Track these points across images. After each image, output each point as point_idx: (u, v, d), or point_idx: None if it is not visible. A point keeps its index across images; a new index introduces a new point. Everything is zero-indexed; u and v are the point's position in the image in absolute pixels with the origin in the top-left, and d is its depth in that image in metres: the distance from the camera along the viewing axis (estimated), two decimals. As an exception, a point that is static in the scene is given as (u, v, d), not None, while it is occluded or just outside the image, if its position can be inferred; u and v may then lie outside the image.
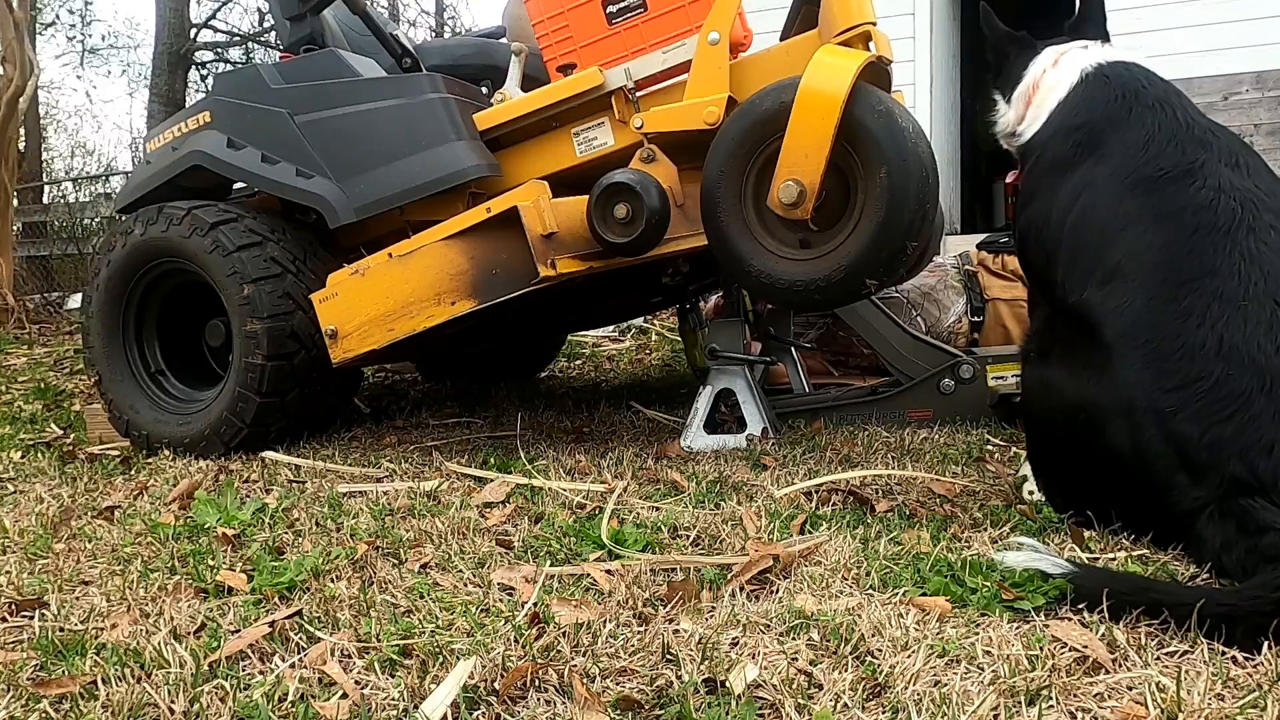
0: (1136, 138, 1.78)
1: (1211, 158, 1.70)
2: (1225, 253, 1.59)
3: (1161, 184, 1.70)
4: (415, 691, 1.19)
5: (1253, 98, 5.99)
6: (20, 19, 7.62)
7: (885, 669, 1.20)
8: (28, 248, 9.63)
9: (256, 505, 2.06)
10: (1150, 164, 1.73)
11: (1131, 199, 1.72)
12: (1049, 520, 1.76)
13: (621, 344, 5.36)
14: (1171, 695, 1.10)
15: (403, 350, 2.80)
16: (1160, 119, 1.78)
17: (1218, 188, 1.65)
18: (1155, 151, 1.74)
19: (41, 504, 2.27)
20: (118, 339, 2.93)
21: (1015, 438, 2.60)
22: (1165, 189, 1.69)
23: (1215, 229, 1.61)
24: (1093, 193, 1.78)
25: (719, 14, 2.36)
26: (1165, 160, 1.72)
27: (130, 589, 1.60)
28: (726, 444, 2.58)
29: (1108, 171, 1.78)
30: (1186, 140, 1.74)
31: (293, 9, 2.92)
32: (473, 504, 2.05)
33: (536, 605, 1.44)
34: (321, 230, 2.81)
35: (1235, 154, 1.72)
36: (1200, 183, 1.66)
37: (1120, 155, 1.78)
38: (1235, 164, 1.70)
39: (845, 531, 1.75)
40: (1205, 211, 1.63)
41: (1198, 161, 1.69)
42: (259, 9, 13.38)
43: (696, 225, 2.34)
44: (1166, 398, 1.53)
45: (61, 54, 25.26)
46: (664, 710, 1.13)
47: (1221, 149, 1.72)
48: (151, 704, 1.18)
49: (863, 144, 2.09)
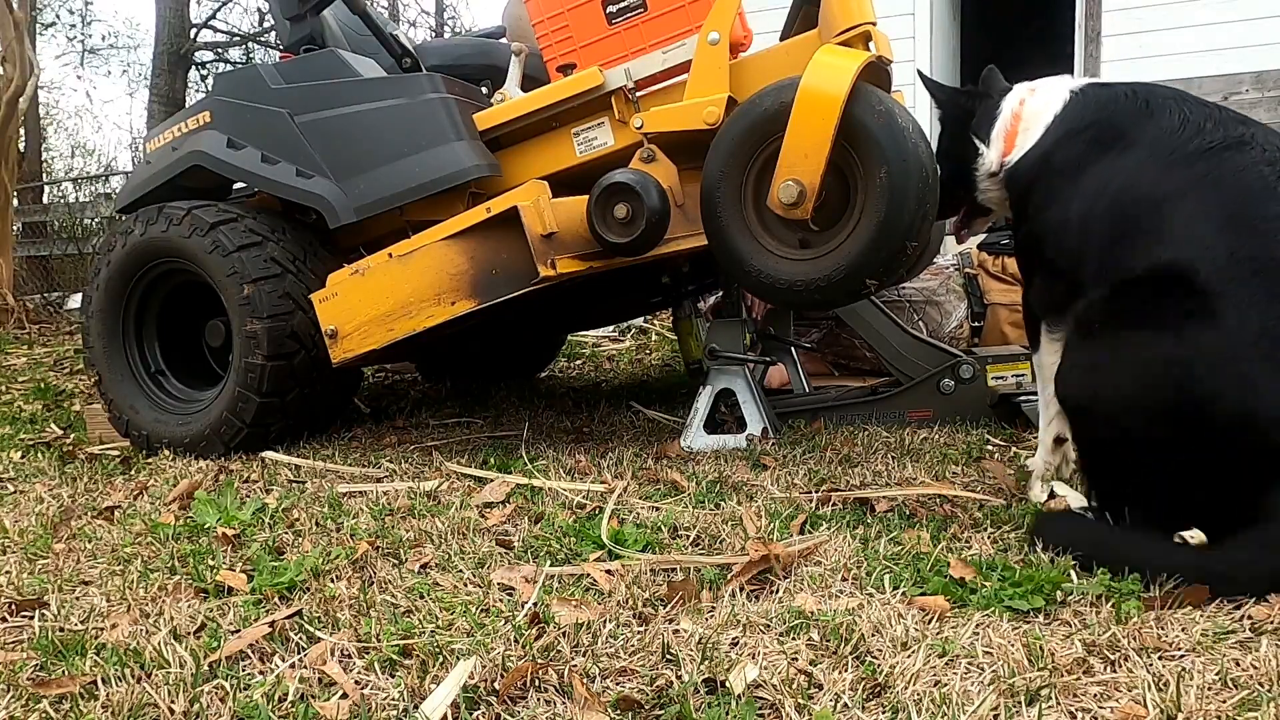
0: (1169, 124, 1.71)
1: (1259, 131, 1.66)
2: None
3: (1215, 153, 1.63)
4: (415, 691, 1.19)
5: (1253, 98, 5.98)
6: (20, 19, 7.62)
7: (885, 669, 1.20)
8: (28, 248, 9.63)
9: (256, 505, 2.06)
10: (1192, 141, 1.67)
11: (1179, 171, 1.65)
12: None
13: (621, 344, 5.36)
14: (1171, 695, 1.11)
15: (403, 350, 2.80)
16: (1187, 107, 1.74)
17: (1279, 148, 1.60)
18: (1194, 131, 1.68)
19: (41, 504, 2.27)
20: (118, 339, 2.93)
21: (1015, 438, 2.60)
22: (1221, 155, 1.63)
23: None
24: (1125, 178, 1.71)
25: (719, 14, 2.36)
26: (1209, 136, 1.66)
27: (130, 589, 1.60)
28: (726, 444, 2.58)
29: (1138, 159, 1.71)
30: (1225, 120, 1.69)
31: (293, 9, 2.92)
32: (473, 504, 2.05)
33: (536, 605, 1.44)
34: (321, 230, 2.81)
35: (1276, 135, 1.68)
36: (1258, 150, 1.61)
37: (1151, 142, 1.72)
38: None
39: (845, 531, 1.75)
40: (1278, 163, 1.57)
41: (1246, 134, 1.65)
42: (259, 9, 13.39)
43: (696, 225, 2.34)
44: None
45: (61, 54, 25.27)
46: (664, 710, 1.13)
47: (1260, 128, 1.68)
48: (151, 704, 1.18)
49: (863, 144, 2.09)
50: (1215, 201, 1.59)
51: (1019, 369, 2.72)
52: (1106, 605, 1.38)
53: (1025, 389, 2.71)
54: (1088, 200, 1.75)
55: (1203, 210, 1.59)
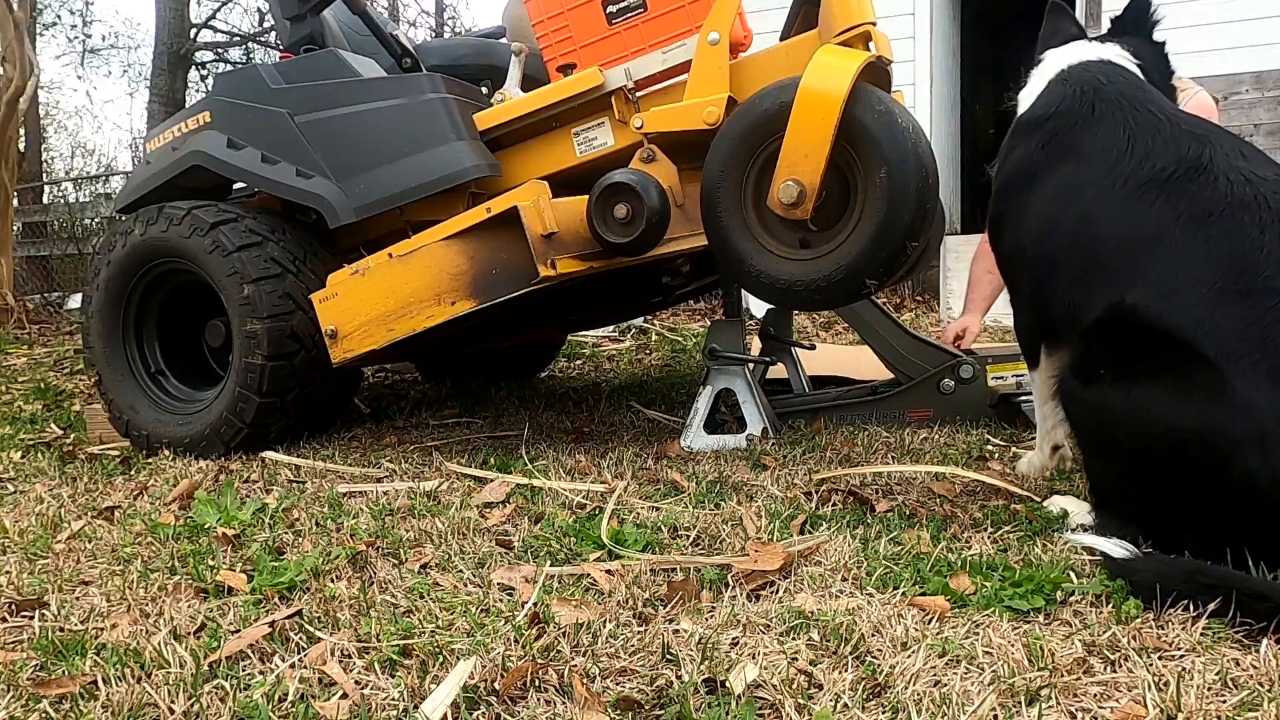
0: (1115, 140, 1.66)
1: (1218, 152, 1.59)
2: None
3: (1176, 184, 1.57)
4: (415, 691, 1.19)
5: (1252, 98, 5.99)
6: (20, 19, 7.61)
7: (885, 669, 1.20)
8: (28, 248, 9.63)
9: (256, 505, 2.06)
10: (1143, 167, 1.61)
11: (1145, 205, 1.59)
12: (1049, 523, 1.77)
13: (621, 344, 5.35)
14: (1171, 695, 1.10)
15: (403, 350, 2.80)
16: (1134, 119, 1.68)
17: (1246, 181, 1.54)
18: (1141, 154, 1.63)
19: (41, 504, 2.27)
20: (118, 339, 2.93)
21: (1015, 437, 2.60)
22: (1185, 188, 1.57)
23: (1275, 224, 1.48)
24: (1083, 203, 1.66)
25: (719, 14, 2.36)
26: (1160, 161, 1.60)
27: (130, 589, 1.60)
28: (726, 444, 2.58)
29: (1094, 178, 1.66)
30: (1176, 137, 1.63)
31: (293, 9, 2.92)
32: (473, 504, 2.05)
33: (536, 605, 1.44)
34: (321, 230, 2.81)
35: (1236, 145, 1.62)
36: (1223, 179, 1.55)
37: (1101, 159, 1.66)
38: (1243, 154, 1.60)
39: (845, 531, 1.75)
40: (1255, 208, 1.50)
41: (1203, 157, 1.58)
42: (259, 9, 13.38)
43: (696, 225, 2.34)
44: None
45: (61, 54, 25.25)
46: (664, 710, 1.13)
47: (1218, 145, 1.61)
48: (151, 704, 1.18)
49: (862, 144, 2.09)
50: (1201, 252, 1.52)
51: (1019, 369, 2.72)
52: (1106, 605, 1.38)
53: (1025, 389, 2.71)
54: (1042, 224, 1.71)
55: (1186, 259, 1.52)
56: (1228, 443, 1.42)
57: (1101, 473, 1.67)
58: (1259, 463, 1.40)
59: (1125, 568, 1.45)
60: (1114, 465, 1.63)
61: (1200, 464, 1.46)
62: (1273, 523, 1.41)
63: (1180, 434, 1.47)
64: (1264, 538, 1.43)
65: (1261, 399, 1.41)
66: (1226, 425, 1.43)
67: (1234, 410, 1.42)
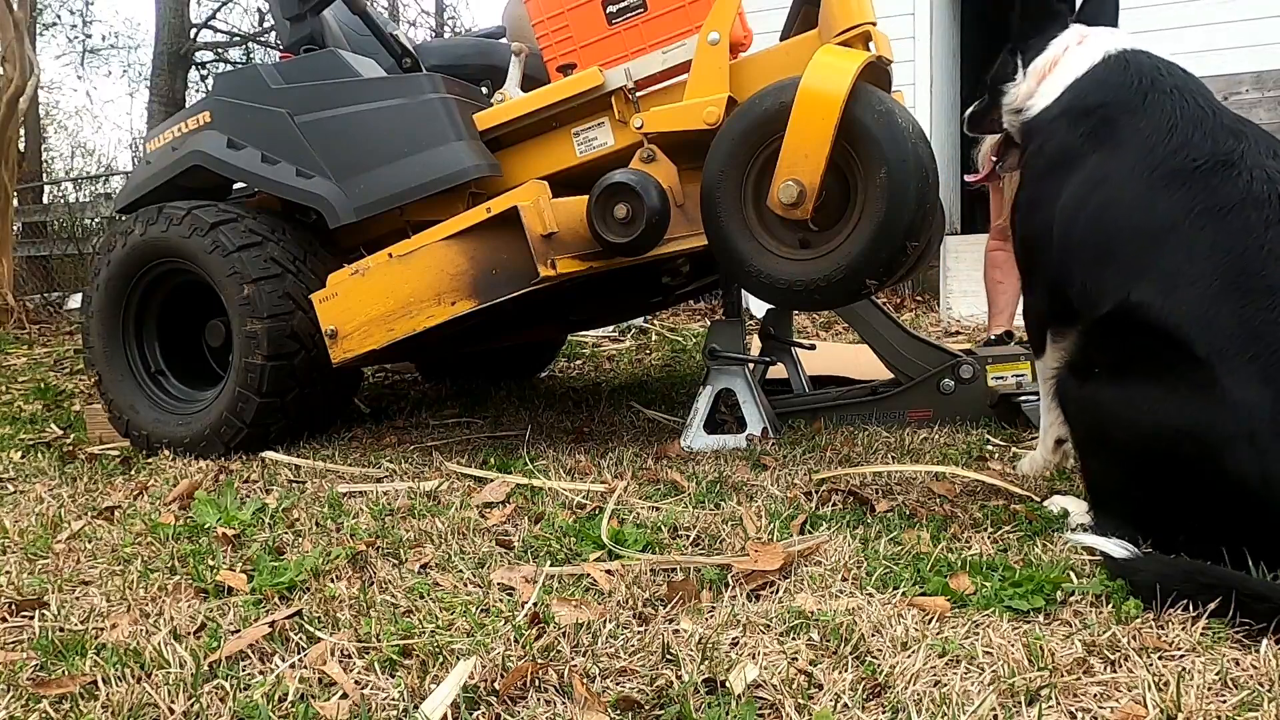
0: (1155, 125, 1.62)
1: (1249, 147, 1.56)
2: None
3: (1201, 176, 1.55)
4: (415, 691, 1.19)
5: (1253, 98, 5.99)
6: (20, 19, 7.62)
7: (885, 669, 1.20)
8: (28, 248, 9.63)
9: (256, 505, 2.06)
10: (1176, 156, 1.58)
11: (1166, 195, 1.57)
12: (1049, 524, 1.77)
13: (621, 344, 5.35)
14: (1171, 695, 1.10)
15: (403, 350, 2.80)
16: (1181, 107, 1.64)
17: (1267, 179, 1.51)
18: (1180, 142, 1.59)
19: (41, 504, 2.27)
20: (118, 339, 2.93)
21: (1015, 437, 2.60)
22: (1208, 181, 1.54)
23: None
24: (1109, 189, 1.63)
25: (719, 14, 2.36)
26: (1195, 152, 1.57)
27: (130, 589, 1.60)
28: (726, 444, 2.58)
29: (1126, 166, 1.63)
30: (1217, 130, 1.59)
31: (293, 9, 2.92)
32: (473, 504, 2.05)
33: (536, 605, 1.44)
34: (321, 230, 2.81)
35: (1271, 145, 1.60)
36: (1246, 174, 1.52)
37: (1137, 146, 1.63)
38: (1274, 154, 1.57)
39: (845, 531, 1.75)
40: (1266, 205, 1.49)
41: (1235, 151, 1.55)
42: (259, 9, 13.37)
43: (696, 225, 2.34)
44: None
45: (61, 54, 25.26)
46: (664, 710, 1.13)
47: (1250, 141, 1.59)
48: (151, 704, 1.18)
49: (862, 144, 2.09)
50: (1207, 243, 1.50)
51: (1019, 369, 2.72)
52: (1106, 605, 1.38)
53: (1025, 389, 2.71)
54: (1070, 211, 1.69)
55: (1193, 252, 1.51)
56: (1218, 442, 1.43)
57: (1098, 472, 1.68)
58: (1249, 461, 1.40)
59: (1125, 568, 1.45)
60: (1109, 465, 1.63)
61: (1192, 463, 1.46)
62: (1265, 521, 1.41)
63: (1172, 433, 1.47)
64: (1257, 537, 1.43)
65: (1251, 397, 1.41)
66: (1216, 424, 1.43)
67: (1224, 409, 1.42)
